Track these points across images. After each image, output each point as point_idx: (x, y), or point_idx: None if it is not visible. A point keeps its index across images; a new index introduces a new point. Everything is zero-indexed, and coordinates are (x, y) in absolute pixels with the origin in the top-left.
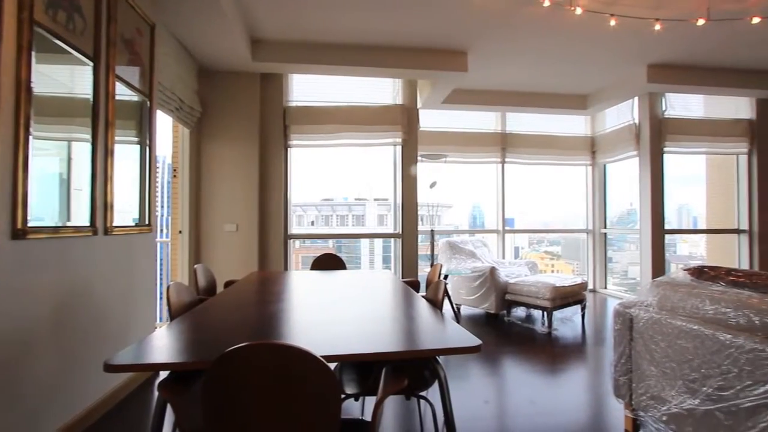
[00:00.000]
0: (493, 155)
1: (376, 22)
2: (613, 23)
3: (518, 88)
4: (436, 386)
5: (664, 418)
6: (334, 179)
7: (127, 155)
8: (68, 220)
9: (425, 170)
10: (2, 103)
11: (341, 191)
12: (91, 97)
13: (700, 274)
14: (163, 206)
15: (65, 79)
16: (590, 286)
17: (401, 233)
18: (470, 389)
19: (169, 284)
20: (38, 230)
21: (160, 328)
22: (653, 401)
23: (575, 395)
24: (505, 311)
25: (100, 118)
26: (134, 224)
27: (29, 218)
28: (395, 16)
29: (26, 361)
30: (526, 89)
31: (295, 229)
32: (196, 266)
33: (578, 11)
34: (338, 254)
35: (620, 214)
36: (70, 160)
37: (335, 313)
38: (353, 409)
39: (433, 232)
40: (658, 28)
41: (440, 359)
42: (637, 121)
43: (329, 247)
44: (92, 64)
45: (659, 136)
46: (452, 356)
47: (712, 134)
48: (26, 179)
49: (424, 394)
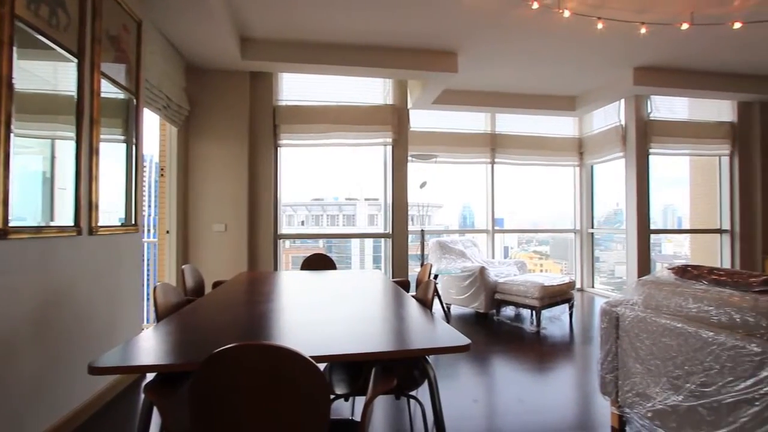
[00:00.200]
0: (482, 156)
1: (366, 21)
2: (600, 26)
3: (507, 89)
4: (425, 386)
5: (649, 414)
6: (324, 179)
7: (113, 154)
8: (52, 219)
9: (415, 170)
10: None
11: (332, 191)
12: (75, 94)
13: (683, 273)
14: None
15: (48, 75)
16: (578, 285)
17: (391, 233)
18: (460, 388)
19: (156, 285)
20: (20, 230)
21: (146, 329)
22: (638, 398)
23: (563, 393)
24: (494, 310)
25: (84, 115)
26: (120, 224)
27: (10, 218)
28: (386, 15)
29: (9, 362)
30: (515, 90)
31: (285, 229)
32: (183, 267)
33: (566, 14)
34: (329, 254)
35: (607, 214)
36: (53, 158)
37: (325, 313)
38: (343, 409)
39: (423, 232)
40: (643, 31)
41: (430, 359)
42: (623, 122)
43: (320, 247)
44: (76, 60)
45: (645, 137)
46: (442, 355)
47: (695, 136)
48: (7, 178)
49: (413, 393)
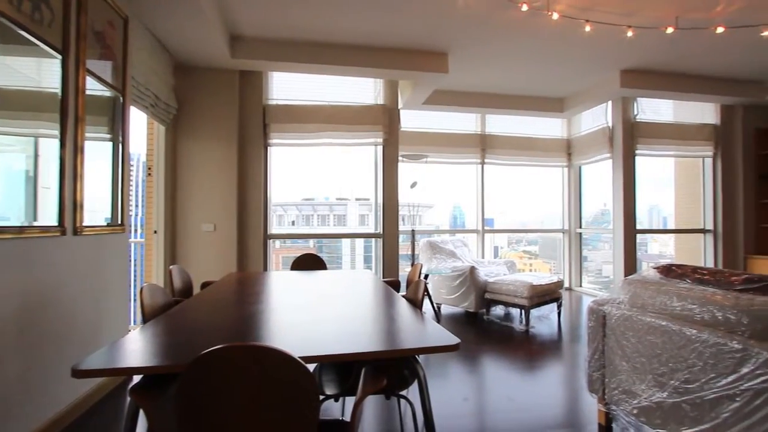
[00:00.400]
0: (473, 156)
1: (357, 21)
2: (588, 29)
3: (497, 90)
4: (416, 385)
5: (634, 411)
6: (315, 179)
7: (98, 153)
8: (35, 219)
9: (406, 170)
10: None
11: (322, 191)
12: (59, 91)
13: (668, 272)
14: (137, 205)
15: (32, 72)
16: (566, 284)
17: (382, 233)
18: (450, 387)
19: (142, 286)
20: (2, 230)
21: (133, 331)
22: (625, 395)
23: (551, 391)
24: (484, 310)
25: (69, 113)
26: (106, 224)
27: None
28: (377, 15)
29: None
30: (504, 91)
31: (275, 228)
32: (171, 267)
33: (555, 16)
34: (319, 254)
35: (595, 214)
36: (37, 156)
37: (315, 313)
38: (333, 409)
39: (413, 232)
40: (630, 34)
41: (420, 358)
42: (610, 124)
43: (310, 247)
44: (61, 57)
45: (631, 139)
46: (432, 355)
47: (680, 138)
48: None
49: (404, 393)
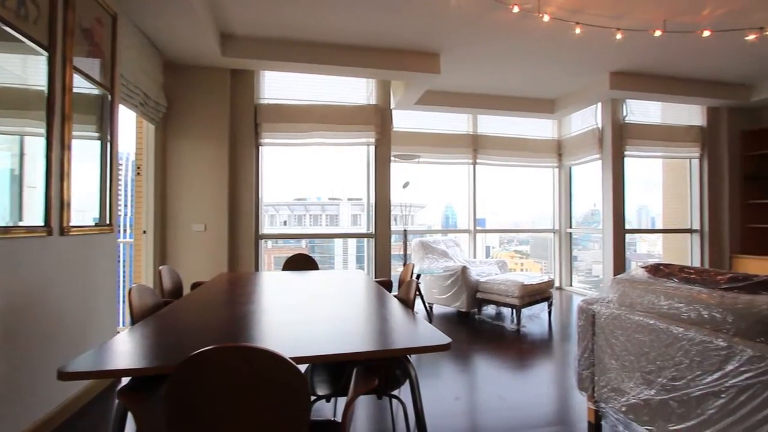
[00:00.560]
0: (464, 156)
1: (350, 21)
2: (578, 31)
3: (489, 91)
4: (407, 385)
5: (623, 408)
6: (307, 179)
7: (86, 151)
8: (20, 219)
9: (398, 170)
10: None
11: (314, 191)
12: (46, 89)
13: (656, 271)
14: (126, 205)
15: (17, 69)
16: (557, 283)
17: (374, 233)
18: (442, 386)
19: (131, 286)
20: None
21: (121, 332)
22: (613, 393)
23: (542, 389)
24: (476, 309)
25: (56, 111)
26: (94, 224)
27: None
28: (369, 15)
29: None
30: (496, 92)
31: (267, 229)
32: (161, 267)
33: (545, 18)
34: (311, 254)
35: (585, 214)
36: (22, 155)
37: (307, 313)
38: (325, 410)
39: (406, 232)
40: (619, 37)
41: (412, 358)
42: (600, 125)
43: (302, 247)
44: (47, 54)
45: (620, 140)
46: (424, 355)
47: (667, 139)
48: None
49: (395, 393)
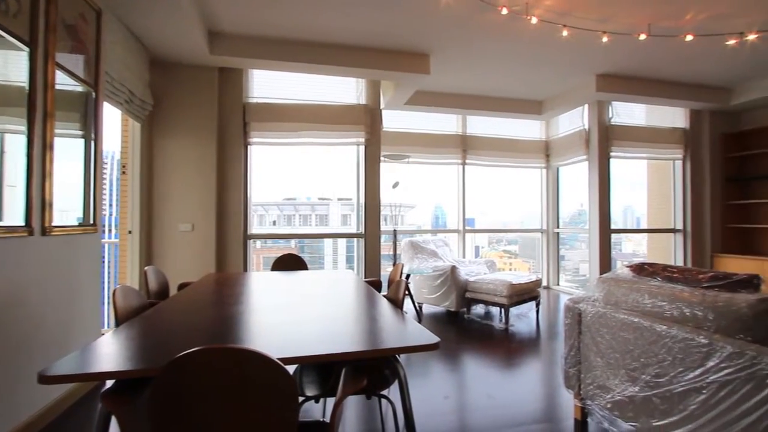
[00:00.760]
0: (454, 157)
1: (339, 20)
2: (565, 33)
3: (478, 91)
4: (396, 385)
5: (608, 405)
6: (296, 178)
7: (69, 150)
8: (0, 219)
9: (388, 170)
10: None
11: (304, 191)
12: (27, 85)
13: (640, 270)
14: (111, 205)
15: None
16: (544, 283)
17: (364, 233)
18: (431, 386)
19: (115, 288)
20: None
21: (105, 334)
22: (599, 390)
23: (530, 388)
24: (465, 309)
25: (37, 108)
26: (77, 224)
27: None
28: (360, 15)
29: None
30: (485, 93)
31: (255, 228)
32: (146, 268)
33: (533, 20)
34: (301, 254)
35: (572, 214)
36: (2, 153)
37: (295, 314)
38: (314, 410)
39: (395, 231)
40: (605, 40)
41: (401, 358)
42: (586, 127)
43: (291, 247)
44: (28, 49)
45: (606, 141)
46: (413, 354)
47: (652, 141)
48: None
49: (384, 392)
